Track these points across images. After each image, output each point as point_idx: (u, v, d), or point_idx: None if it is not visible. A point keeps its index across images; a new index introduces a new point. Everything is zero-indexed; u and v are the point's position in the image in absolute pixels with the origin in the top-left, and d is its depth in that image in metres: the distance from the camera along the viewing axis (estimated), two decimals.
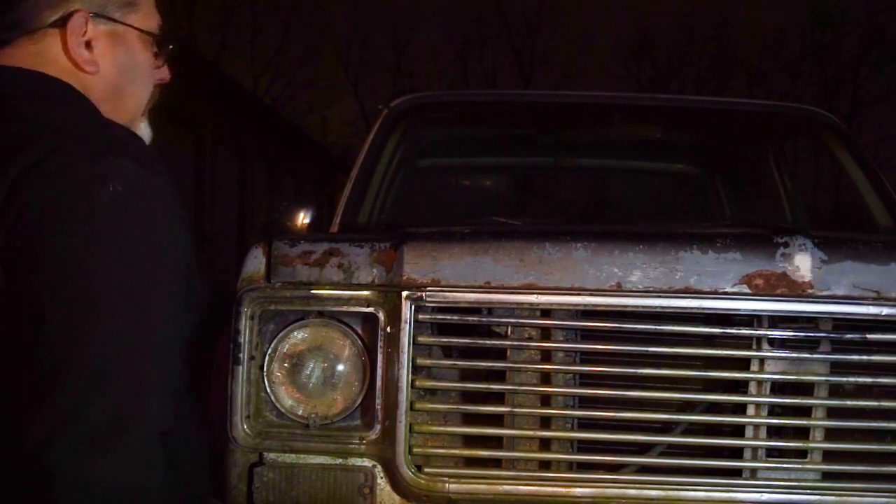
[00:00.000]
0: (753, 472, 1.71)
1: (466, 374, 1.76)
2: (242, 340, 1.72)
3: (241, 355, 1.72)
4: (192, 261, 1.13)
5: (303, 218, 2.80)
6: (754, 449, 1.72)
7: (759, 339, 1.69)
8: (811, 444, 1.71)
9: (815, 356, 1.69)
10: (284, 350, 1.75)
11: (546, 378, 1.73)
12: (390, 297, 1.72)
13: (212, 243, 12.04)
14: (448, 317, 1.72)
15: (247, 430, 1.73)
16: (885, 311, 1.67)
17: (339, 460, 1.74)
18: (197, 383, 1.17)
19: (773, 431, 1.73)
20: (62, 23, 1.14)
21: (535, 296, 1.70)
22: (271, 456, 1.74)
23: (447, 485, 1.70)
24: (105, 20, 1.18)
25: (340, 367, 1.76)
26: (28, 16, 1.13)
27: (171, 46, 1.28)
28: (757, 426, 1.72)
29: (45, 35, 1.14)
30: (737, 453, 1.74)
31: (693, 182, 3.99)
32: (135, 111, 1.26)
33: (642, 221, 2.61)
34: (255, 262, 1.75)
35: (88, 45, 1.16)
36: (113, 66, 1.19)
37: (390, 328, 1.72)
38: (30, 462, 0.95)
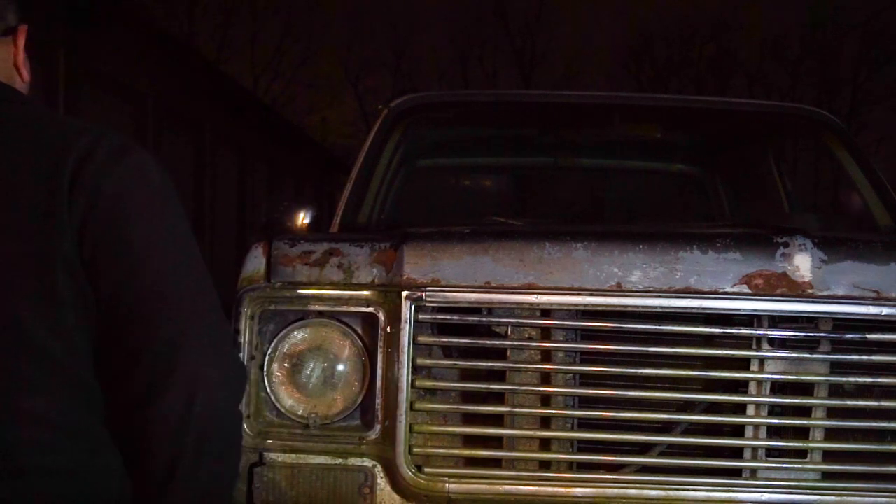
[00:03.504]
0: (753, 472, 1.71)
1: (466, 374, 1.76)
2: (242, 340, 1.72)
3: (241, 355, 1.72)
4: None
5: (303, 218, 2.80)
6: (754, 449, 1.72)
7: (758, 339, 1.69)
8: (811, 444, 1.71)
9: (814, 356, 1.69)
10: (284, 350, 1.75)
11: (546, 378, 1.73)
12: (390, 297, 1.72)
13: (212, 243, 12.05)
14: (448, 317, 1.72)
15: (247, 430, 1.73)
16: (884, 311, 1.67)
17: (339, 460, 1.74)
18: None
19: (773, 431, 1.73)
20: (11, 32, 1.19)
21: (535, 296, 1.70)
22: (271, 456, 1.74)
23: (447, 485, 1.70)
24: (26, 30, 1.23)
25: (340, 367, 1.76)
26: None
27: None
28: (757, 426, 1.72)
29: (5, 43, 1.18)
30: (737, 453, 1.74)
31: (693, 182, 3.99)
32: None
33: (642, 221, 2.61)
34: (255, 262, 1.75)
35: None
36: (29, 73, 1.25)
37: (390, 328, 1.72)
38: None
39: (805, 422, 1.71)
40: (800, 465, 1.71)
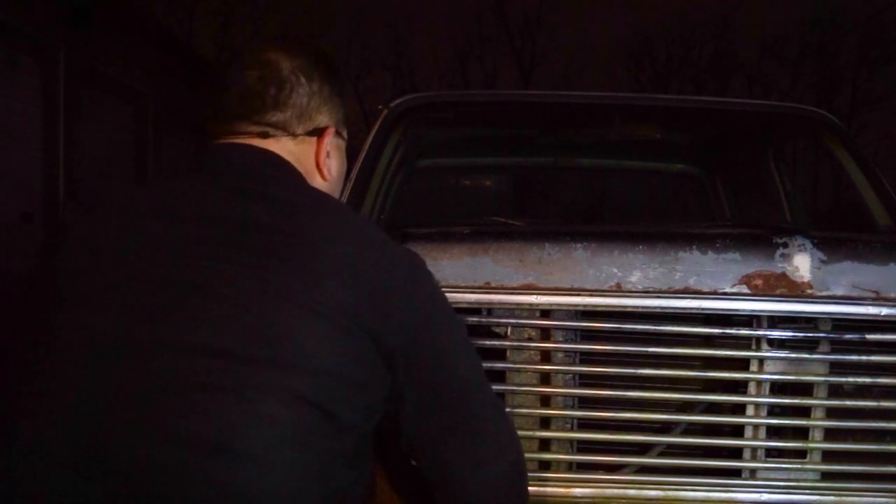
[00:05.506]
0: (753, 472, 1.71)
1: None
2: None
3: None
4: None
5: None
6: (754, 449, 1.72)
7: (758, 339, 1.69)
8: (810, 445, 1.71)
9: (814, 356, 1.69)
10: None
11: (546, 378, 1.73)
12: None
13: None
14: None
15: None
16: (884, 311, 1.67)
17: None
18: None
19: (773, 431, 1.73)
20: (317, 133, 1.38)
21: (535, 296, 1.70)
22: None
23: None
24: (339, 136, 1.43)
25: None
26: (294, 121, 1.35)
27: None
28: (756, 426, 1.72)
29: (304, 141, 1.37)
30: (736, 453, 1.74)
31: (693, 182, 3.99)
32: None
33: (642, 222, 2.62)
34: None
35: (328, 154, 1.40)
36: (337, 174, 1.44)
37: None
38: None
39: (804, 422, 1.71)
40: (799, 466, 1.71)
